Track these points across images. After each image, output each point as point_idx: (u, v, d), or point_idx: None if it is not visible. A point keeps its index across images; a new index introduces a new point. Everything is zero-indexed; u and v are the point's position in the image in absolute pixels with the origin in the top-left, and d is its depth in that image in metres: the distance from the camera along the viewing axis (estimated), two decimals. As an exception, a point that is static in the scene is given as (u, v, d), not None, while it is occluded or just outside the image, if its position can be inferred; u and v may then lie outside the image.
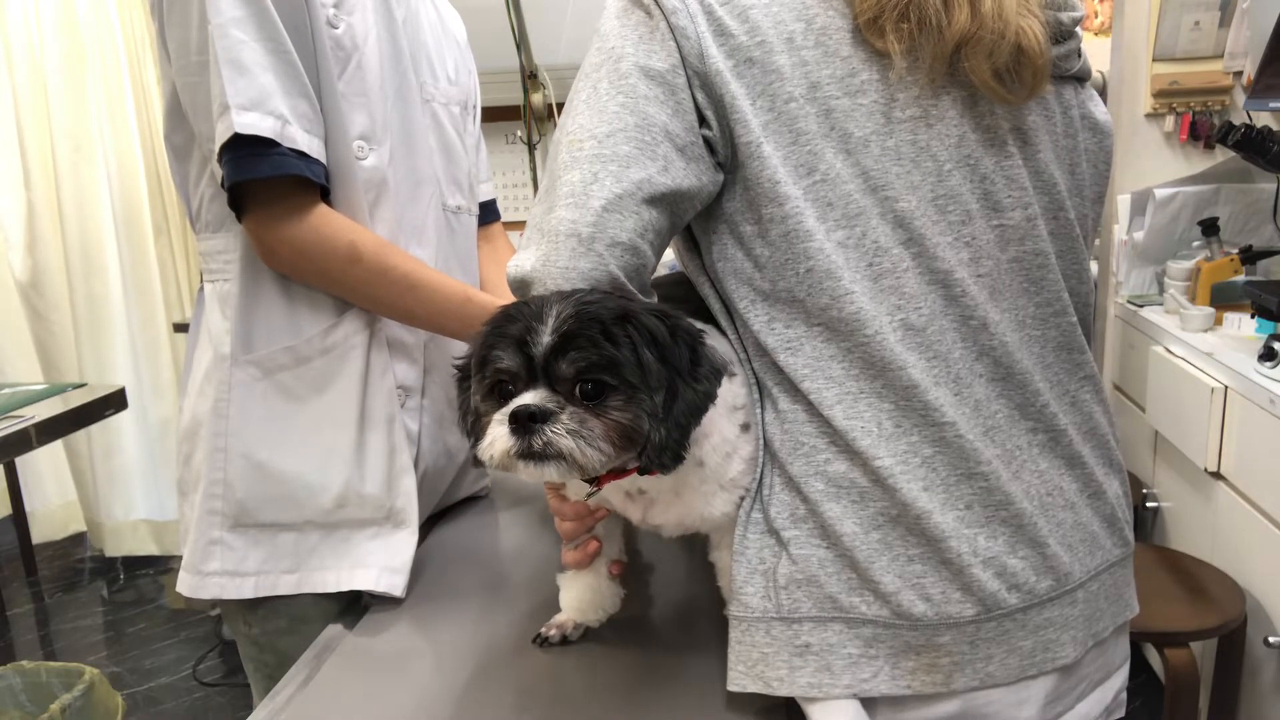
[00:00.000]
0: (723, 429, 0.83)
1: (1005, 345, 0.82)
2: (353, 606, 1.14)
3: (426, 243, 1.22)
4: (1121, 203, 2.60)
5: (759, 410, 0.86)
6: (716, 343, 0.86)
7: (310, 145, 1.06)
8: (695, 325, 0.80)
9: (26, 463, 3.60)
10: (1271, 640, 1.76)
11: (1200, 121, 2.58)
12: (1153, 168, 2.61)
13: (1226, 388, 1.92)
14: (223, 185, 1.06)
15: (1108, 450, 0.90)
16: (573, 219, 0.77)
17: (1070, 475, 0.86)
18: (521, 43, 2.80)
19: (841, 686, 0.80)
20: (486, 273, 1.43)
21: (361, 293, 1.12)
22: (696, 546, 1.11)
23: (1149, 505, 2.35)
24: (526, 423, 0.72)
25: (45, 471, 3.77)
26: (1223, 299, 2.28)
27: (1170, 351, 2.22)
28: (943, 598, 0.79)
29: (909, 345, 0.80)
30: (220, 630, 3.00)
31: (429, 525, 1.32)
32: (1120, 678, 0.93)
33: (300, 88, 1.05)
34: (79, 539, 3.81)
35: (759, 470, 0.85)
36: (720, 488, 0.85)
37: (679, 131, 0.79)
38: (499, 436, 0.73)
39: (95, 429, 3.30)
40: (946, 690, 0.80)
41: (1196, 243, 2.49)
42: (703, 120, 0.81)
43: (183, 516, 1.20)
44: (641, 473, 0.79)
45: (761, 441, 0.86)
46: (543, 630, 1.00)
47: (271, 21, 1.03)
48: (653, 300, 0.84)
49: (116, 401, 2.35)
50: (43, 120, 3.31)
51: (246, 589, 1.13)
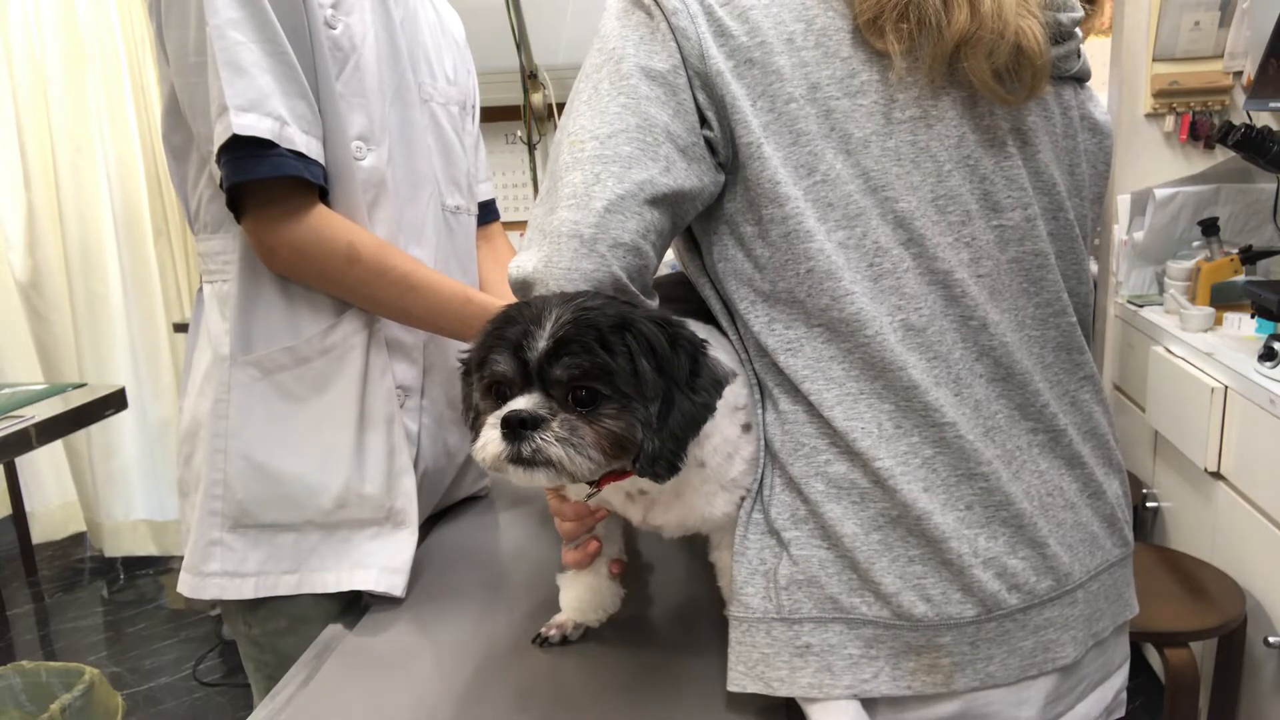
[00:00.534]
0: (724, 429, 0.83)
1: (1005, 345, 0.82)
2: (353, 606, 1.14)
3: (425, 243, 1.22)
4: (1121, 203, 2.60)
5: (760, 411, 0.86)
6: (719, 348, 0.85)
7: (308, 146, 1.06)
8: (698, 335, 0.79)
9: (26, 463, 3.60)
10: (1271, 640, 1.76)
11: (1200, 121, 2.58)
12: (1153, 168, 2.61)
13: (1226, 388, 1.92)
14: (221, 186, 1.06)
15: (1107, 450, 0.90)
16: (575, 220, 0.77)
17: (1070, 475, 0.86)
18: (521, 43, 2.80)
19: (842, 687, 0.80)
20: (486, 273, 1.43)
21: (360, 293, 1.12)
22: (696, 546, 1.11)
23: (1149, 505, 2.35)
24: (517, 428, 0.72)
25: (45, 471, 3.77)
26: (1223, 299, 2.28)
27: (1170, 351, 2.22)
28: (943, 598, 0.79)
29: (909, 346, 0.80)
30: (220, 630, 3.00)
31: (429, 525, 1.32)
32: (1120, 678, 0.93)
33: (298, 88, 1.05)
34: (79, 539, 3.81)
35: (760, 471, 0.85)
36: (721, 488, 0.85)
37: (680, 132, 0.79)
38: (491, 440, 0.74)
39: (95, 429, 3.29)
40: (947, 691, 0.80)
41: (1196, 243, 2.49)
42: (704, 121, 0.81)
43: (183, 517, 1.21)
44: (641, 474, 0.79)
45: (762, 442, 0.86)
46: (543, 630, 1.00)
47: (269, 22, 1.03)
48: (654, 301, 0.84)
49: (116, 401, 2.35)
50: (43, 120, 3.31)
51: (247, 589, 1.13)
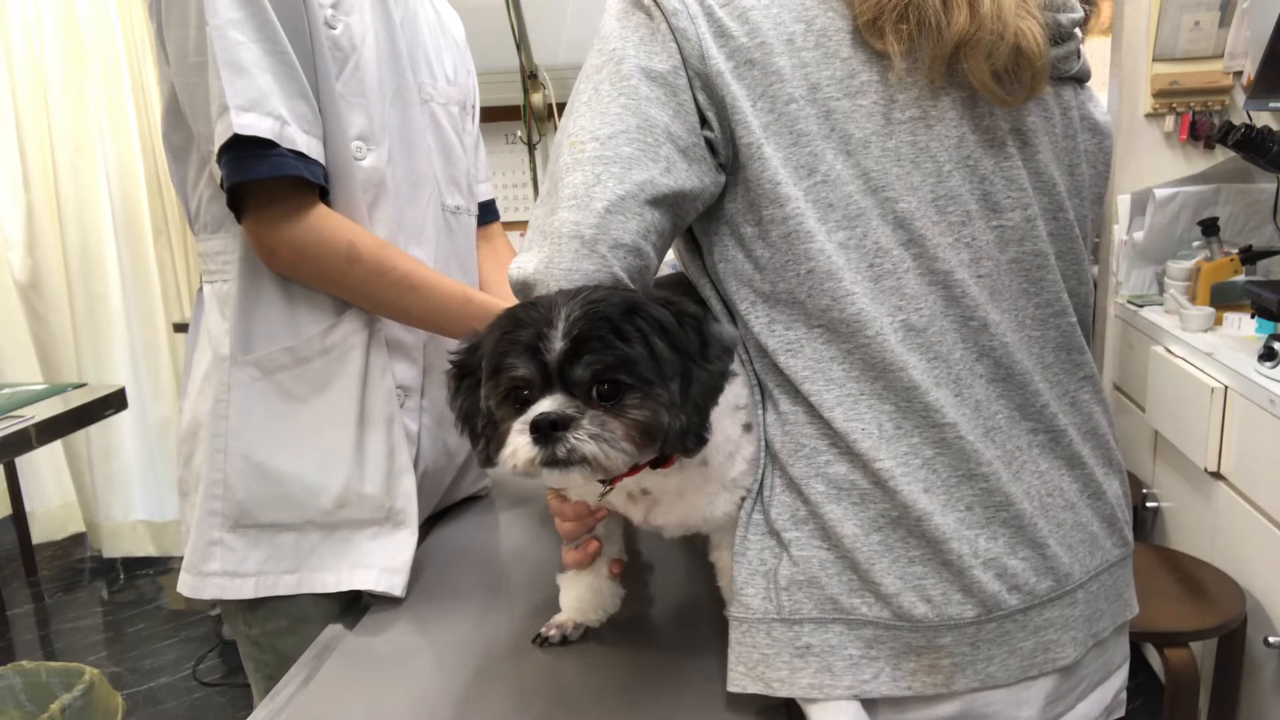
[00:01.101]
0: (725, 428, 0.83)
1: (1006, 346, 0.82)
2: (353, 606, 1.14)
3: (425, 243, 1.22)
4: (1121, 203, 2.60)
5: (760, 411, 0.86)
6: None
7: (309, 146, 1.06)
8: (697, 307, 0.80)
9: (26, 463, 3.60)
10: (1271, 640, 1.76)
11: (1200, 121, 2.58)
12: (1153, 168, 2.61)
13: (1226, 388, 1.92)
14: (222, 186, 1.06)
15: (1107, 450, 0.90)
16: (575, 221, 0.77)
17: (1070, 476, 0.86)
18: (521, 43, 2.80)
19: (842, 688, 0.80)
20: (486, 273, 1.43)
21: (361, 293, 1.12)
22: (696, 546, 1.11)
23: (1149, 505, 2.35)
24: (548, 431, 0.71)
25: (45, 471, 3.77)
26: (1223, 299, 2.28)
27: (1170, 351, 2.21)
28: (943, 599, 0.79)
29: (910, 346, 0.80)
30: (220, 630, 3.00)
31: (429, 525, 1.32)
32: (1120, 678, 0.93)
33: (299, 88, 1.05)
34: (79, 539, 3.81)
35: (760, 471, 0.85)
36: (723, 488, 0.85)
37: (681, 133, 0.79)
38: (521, 446, 0.72)
39: (95, 429, 3.29)
40: (947, 691, 0.80)
41: (1196, 243, 2.49)
42: (704, 121, 0.81)
43: (183, 517, 1.21)
44: (654, 466, 0.79)
45: (763, 442, 0.86)
46: (543, 630, 1.00)
47: (269, 22, 1.03)
48: None
49: (116, 402, 2.35)
50: (43, 120, 3.31)
51: (247, 589, 1.13)
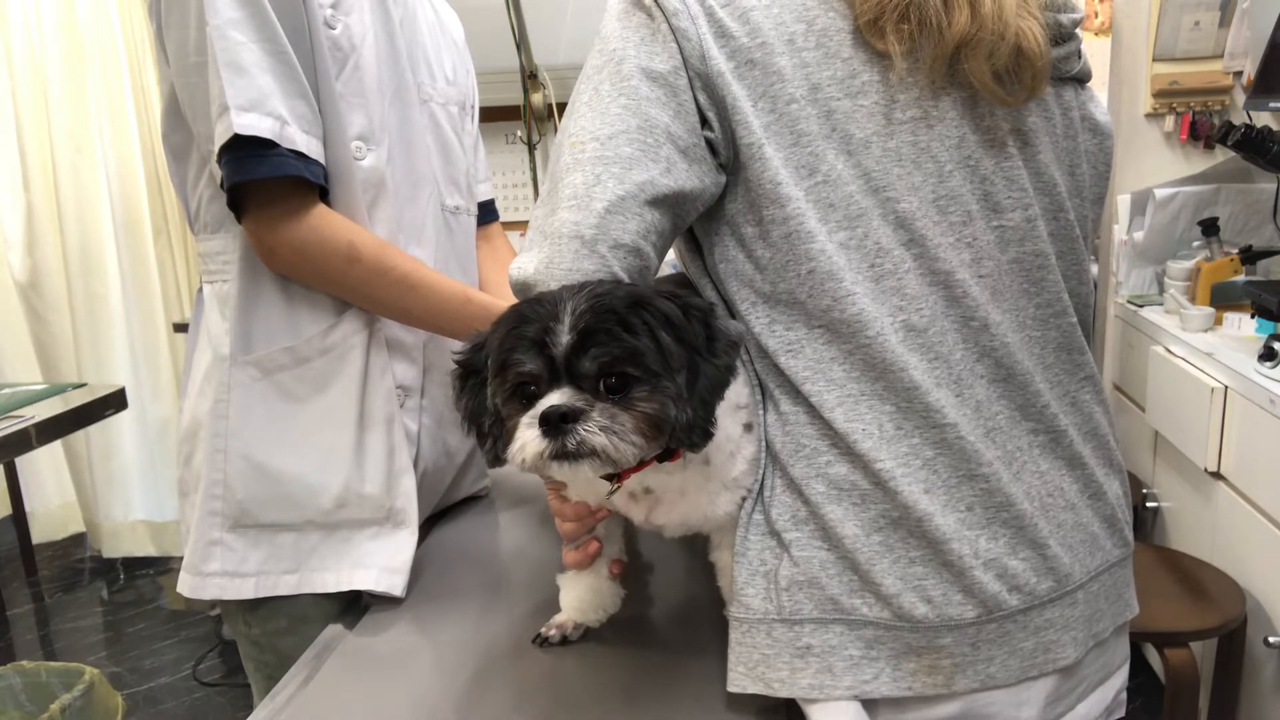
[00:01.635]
0: (726, 427, 0.83)
1: (1006, 346, 0.82)
2: (353, 606, 1.14)
3: (425, 243, 1.22)
4: (1121, 203, 2.60)
5: (761, 411, 0.86)
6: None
7: (309, 146, 1.06)
8: (704, 301, 0.80)
9: (26, 463, 3.59)
10: (1271, 640, 1.76)
11: (1200, 121, 2.58)
12: (1153, 168, 2.61)
13: (1226, 388, 1.92)
14: (222, 186, 1.06)
15: (1108, 451, 0.90)
16: (575, 221, 0.77)
17: (1071, 476, 0.86)
18: (521, 43, 2.80)
19: (843, 688, 0.80)
20: (485, 273, 1.43)
21: (361, 293, 1.12)
22: (696, 546, 1.11)
23: (1149, 505, 2.35)
24: (558, 424, 0.71)
25: (45, 471, 3.77)
26: (1223, 299, 2.28)
27: (1170, 351, 2.21)
28: (944, 599, 0.79)
29: (910, 346, 0.80)
30: (220, 630, 3.00)
31: (429, 525, 1.32)
32: (1120, 678, 0.93)
33: (298, 88, 1.05)
34: (79, 539, 3.81)
35: (761, 471, 0.85)
36: (724, 487, 0.85)
37: (681, 133, 0.79)
38: (530, 440, 0.72)
39: (94, 429, 3.29)
40: (948, 692, 0.80)
41: (1196, 243, 2.49)
42: (704, 122, 0.81)
43: (183, 517, 1.20)
44: (661, 460, 0.79)
45: (763, 443, 0.86)
46: (543, 630, 1.00)
47: (269, 22, 1.03)
48: None
49: (116, 402, 2.35)
50: (43, 120, 3.31)
51: (247, 589, 1.13)
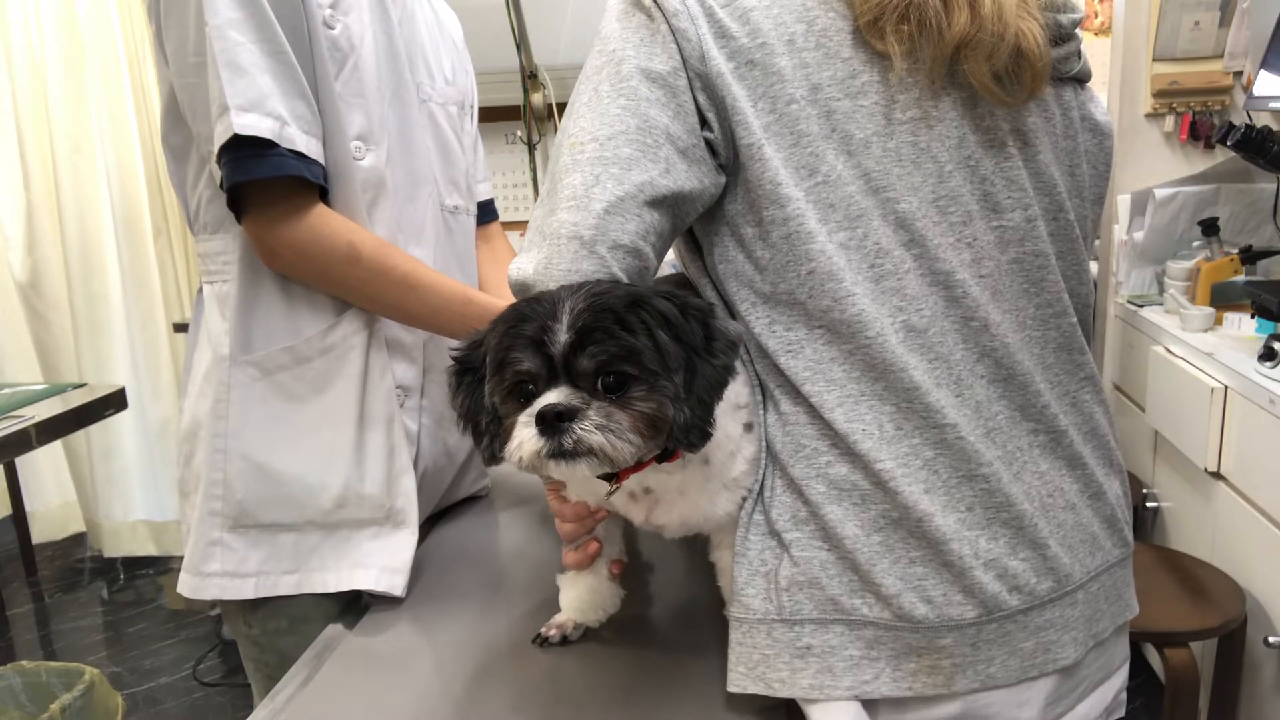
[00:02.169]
0: (726, 427, 0.83)
1: (1006, 346, 0.82)
2: (353, 606, 1.14)
3: (425, 243, 1.22)
4: (1121, 203, 2.60)
5: (761, 411, 0.86)
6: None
7: (308, 146, 1.06)
8: (703, 301, 0.80)
9: (26, 463, 3.59)
10: (1271, 640, 1.76)
11: (1200, 121, 2.58)
12: (1153, 168, 2.61)
13: (1226, 388, 1.92)
14: (221, 186, 1.06)
15: (1108, 451, 0.90)
16: (574, 221, 0.77)
17: (1071, 476, 0.86)
18: (521, 43, 2.80)
19: (843, 688, 0.80)
20: (485, 273, 1.43)
21: (361, 293, 1.12)
22: (696, 546, 1.11)
23: (1149, 505, 2.35)
24: (554, 422, 0.71)
25: (45, 471, 3.77)
26: (1223, 299, 2.28)
27: (1170, 351, 2.21)
28: (944, 600, 0.79)
29: (910, 347, 0.80)
30: (220, 630, 3.00)
31: (429, 525, 1.32)
32: (1120, 678, 0.93)
33: (298, 89, 1.06)
34: (79, 539, 3.81)
35: (761, 471, 0.85)
36: (724, 487, 0.85)
37: (680, 134, 0.79)
38: (527, 438, 0.72)
39: (95, 429, 3.29)
40: (948, 692, 0.80)
41: (1196, 243, 2.49)
42: (704, 122, 0.81)
43: (184, 517, 1.21)
44: (660, 460, 0.79)
45: (764, 443, 0.86)
46: (543, 630, 1.00)
47: (268, 23, 1.03)
48: None
49: (116, 401, 2.35)
50: (43, 120, 3.31)
51: (247, 590, 1.13)
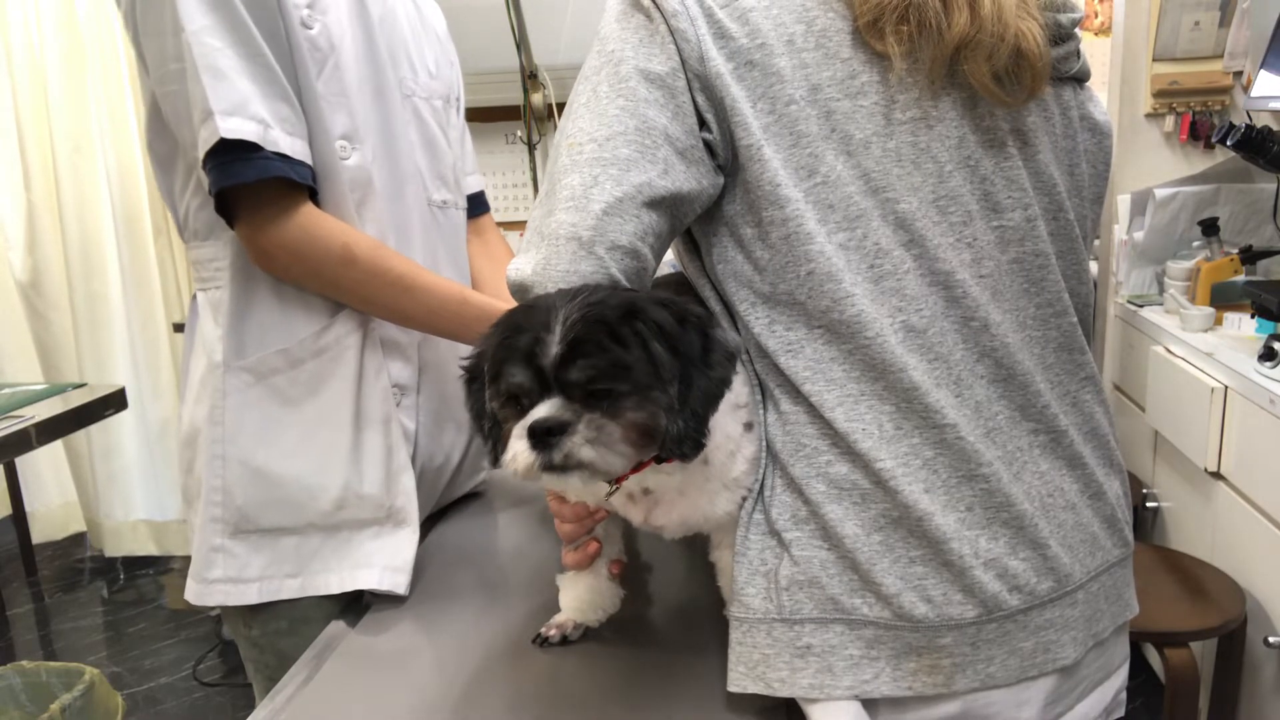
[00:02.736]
0: (726, 427, 0.83)
1: (1007, 346, 0.82)
2: (354, 605, 1.14)
3: (413, 240, 1.21)
4: (1121, 203, 2.60)
5: (761, 411, 0.86)
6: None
7: (293, 147, 1.05)
8: (704, 310, 0.80)
9: (26, 463, 3.59)
10: (1271, 640, 1.76)
11: (1200, 121, 2.58)
12: (1153, 168, 2.61)
13: (1226, 388, 1.92)
14: (210, 192, 1.06)
15: (1108, 451, 0.90)
16: (573, 222, 0.77)
17: (1071, 476, 0.86)
18: (521, 43, 2.80)
19: (843, 688, 0.80)
20: (478, 267, 1.42)
21: (357, 295, 1.12)
22: (696, 546, 1.11)
23: (1149, 505, 2.35)
24: (544, 437, 0.72)
25: (45, 471, 3.76)
26: (1223, 299, 2.28)
27: (1170, 351, 2.21)
28: (944, 599, 0.79)
29: (910, 347, 0.80)
30: (220, 630, 3.00)
31: (429, 524, 1.32)
32: (1120, 678, 0.93)
33: (279, 91, 1.05)
34: (79, 539, 3.81)
35: (761, 471, 0.85)
36: (724, 486, 0.85)
37: (679, 135, 0.79)
38: (520, 451, 0.73)
39: (95, 429, 3.29)
40: (947, 691, 0.80)
41: (1196, 243, 2.49)
42: (703, 123, 0.81)
43: (189, 524, 1.21)
44: (659, 461, 0.79)
45: (764, 442, 0.86)
46: (543, 630, 1.00)
47: (244, 26, 1.02)
48: None
49: (116, 401, 2.35)
50: (43, 120, 3.31)
51: (250, 595, 1.13)
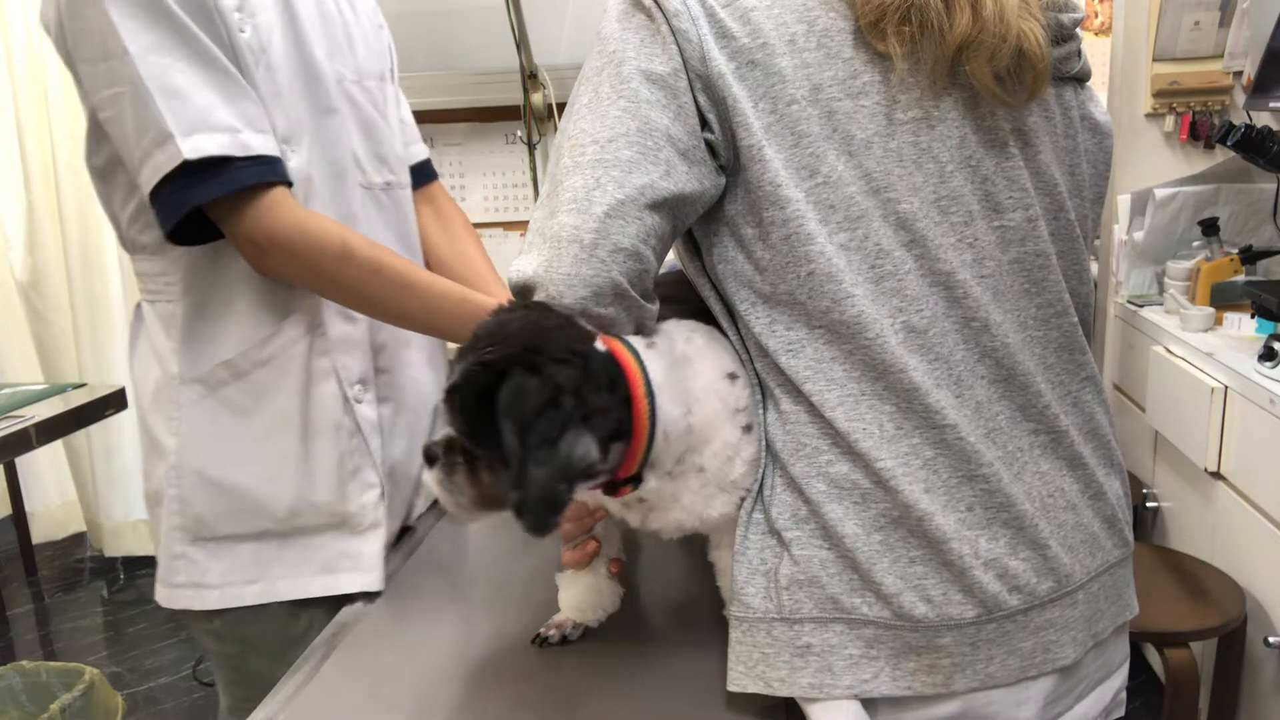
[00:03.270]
0: (724, 434, 0.83)
1: (1007, 347, 0.82)
2: (351, 607, 1.14)
3: (357, 228, 1.18)
4: (1121, 203, 2.60)
5: (761, 411, 0.86)
6: (721, 348, 0.86)
7: (265, 145, 1.04)
8: (602, 395, 0.73)
9: (26, 463, 3.59)
10: (1271, 640, 1.76)
11: (1200, 121, 2.58)
12: (1153, 168, 2.61)
13: (1226, 388, 1.92)
14: (163, 225, 1.03)
15: (1108, 451, 0.90)
16: (575, 225, 0.77)
17: (1071, 476, 0.86)
18: (521, 43, 2.80)
19: (842, 687, 0.80)
20: (429, 235, 1.39)
21: (355, 292, 1.10)
22: (696, 546, 1.11)
23: (1149, 505, 2.35)
24: (424, 457, 0.79)
25: (45, 471, 3.76)
26: (1223, 299, 2.28)
27: (1170, 351, 2.22)
28: (944, 599, 0.79)
29: (910, 347, 0.80)
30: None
31: (427, 525, 1.32)
32: (1120, 678, 0.94)
33: (241, 90, 1.03)
34: (79, 539, 3.81)
35: (761, 471, 0.85)
36: (721, 490, 0.85)
37: (681, 135, 0.79)
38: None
39: (95, 429, 3.29)
40: (947, 691, 0.80)
41: (1196, 243, 2.49)
42: (704, 123, 0.80)
43: (153, 529, 1.21)
44: (635, 486, 0.81)
45: (763, 442, 0.86)
46: (542, 630, 1.00)
47: (190, 33, 1.00)
48: (655, 305, 0.84)
49: (116, 401, 2.35)
50: (43, 120, 3.30)
51: (212, 600, 1.14)
